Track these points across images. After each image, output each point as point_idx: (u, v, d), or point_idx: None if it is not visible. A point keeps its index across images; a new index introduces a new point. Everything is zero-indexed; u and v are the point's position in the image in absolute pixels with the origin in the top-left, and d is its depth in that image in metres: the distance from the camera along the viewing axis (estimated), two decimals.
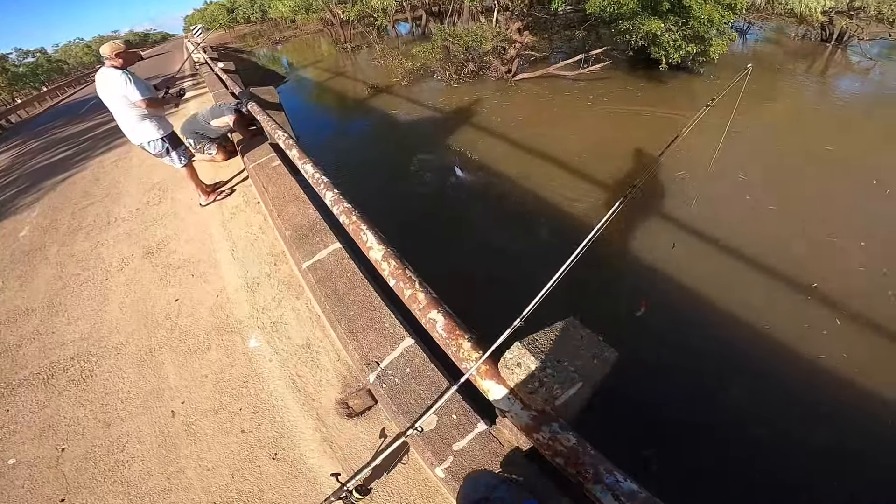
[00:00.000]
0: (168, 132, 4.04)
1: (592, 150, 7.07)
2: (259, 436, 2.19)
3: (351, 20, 21.13)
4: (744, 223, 5.05)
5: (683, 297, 4.12)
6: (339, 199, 2.28)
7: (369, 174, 7.55)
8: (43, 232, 4.93)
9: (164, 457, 2.21)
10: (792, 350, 3.60)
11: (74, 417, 2.52)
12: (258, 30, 44.61)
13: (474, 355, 1.47)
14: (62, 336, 3.20)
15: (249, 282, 3.22)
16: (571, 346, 1.37)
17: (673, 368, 3.44)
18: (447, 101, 10.67)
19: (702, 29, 8.55)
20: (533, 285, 1.35)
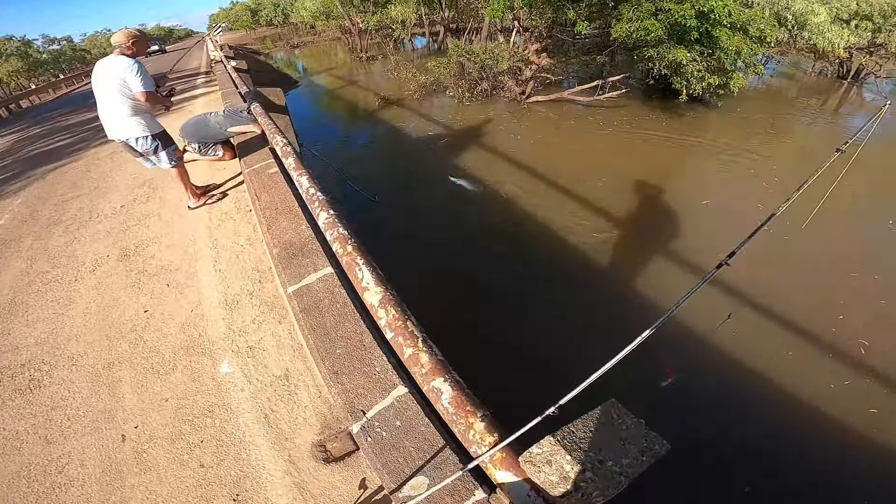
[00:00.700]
0: (159, 130, 3.83)
1: (606, 182, 6.83)
2: (220, 473, 1.91)
3: (369, 30, 21.26)
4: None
5: (724, 375, 3.75)
6: (333, 223, 1.99)
7: (370, 186, 7.29)
8: (21, 222, 4.65)
9: (106, 484, 1.93)
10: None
11: (13, 431, 2.25)
12: (278, 33, 45.32)
13: (488, 439, 1.19)
14: (17, 339, 2.90)
15: (229, 299, 2.92)
16: (615, 440, 1.09)
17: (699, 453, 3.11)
18: (457, 118, 10.52)
19: (728, 60, 8.43)
20: (543, 351, 1.07)
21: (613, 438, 1.10)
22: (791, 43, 11.36)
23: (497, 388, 2.29)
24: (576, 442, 1.08)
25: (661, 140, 8.76)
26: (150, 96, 3.55)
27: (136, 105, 3.57)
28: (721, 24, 7.97)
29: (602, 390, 3.35)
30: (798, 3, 9.69)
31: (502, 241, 5.58)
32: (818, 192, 2.49)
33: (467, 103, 11.45)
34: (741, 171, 7.26)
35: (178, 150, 4.03)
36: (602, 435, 1.10)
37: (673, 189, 6.66)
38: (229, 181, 4.61)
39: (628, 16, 8.23)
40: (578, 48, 11.48)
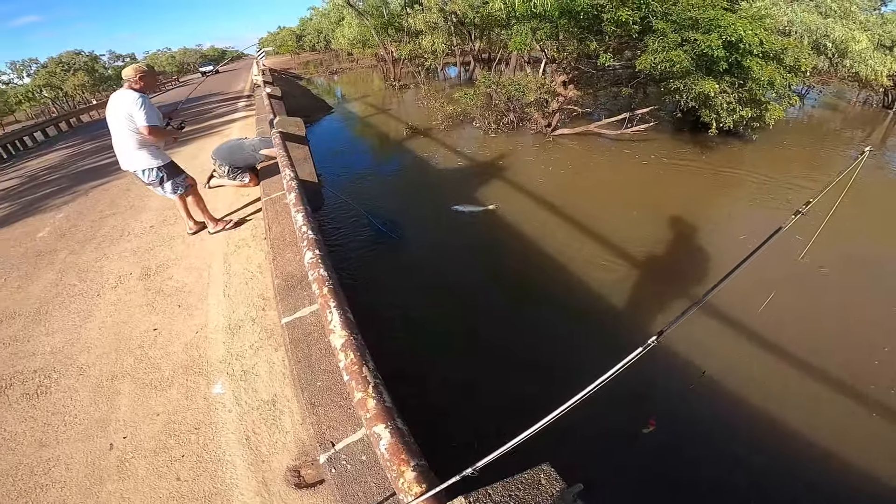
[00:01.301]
0: (165, 162, 3.96)
1: (635, 217, 6.68)
2: (194, 488, 1.98)
3: (402, 59, 22.05)
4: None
5: (702, 427, 3.54)
6: (315, 264, 2.08)
7: (393, 218, 7.38)
8: (60, 236, 5.00)
9: (86, 489, 2.04)
10: None
11: (13, 432, 2.41)
12: (320, 59, 47.49)
13: (415, 489, 1.20)
14: (35, 346, 3.10)
15: (232, 323, 3.04)
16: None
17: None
18: (483, 150, 10.64)
19: (760, 92, 8.18)
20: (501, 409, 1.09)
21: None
22: (832, 72, 10.98)
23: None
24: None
25: (693, 174, 8.52)
26: (154, 130, 3.65)
27: (143, 138, 3.67)
28: (751, 54, 7.76)
29: (577, 435, 3.23)
30: (837, 31, 9.34)
31: (523, 285, 5.44)
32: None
33: (493, 135, 11.59)
34: (779, 205, 6.94)
35: (185, 178, 4.15)
36: (519, 500, 1.10)
37: (706, 225, 6.38)
38: (249, 210, 4.81)
39: (653, 47, 8.18)
40: (606, 80, 11.49)
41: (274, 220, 3.59)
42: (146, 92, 3.68)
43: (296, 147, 4.48)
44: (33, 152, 12.84)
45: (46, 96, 45.04)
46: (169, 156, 4.04)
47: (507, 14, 13.02)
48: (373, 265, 6.14)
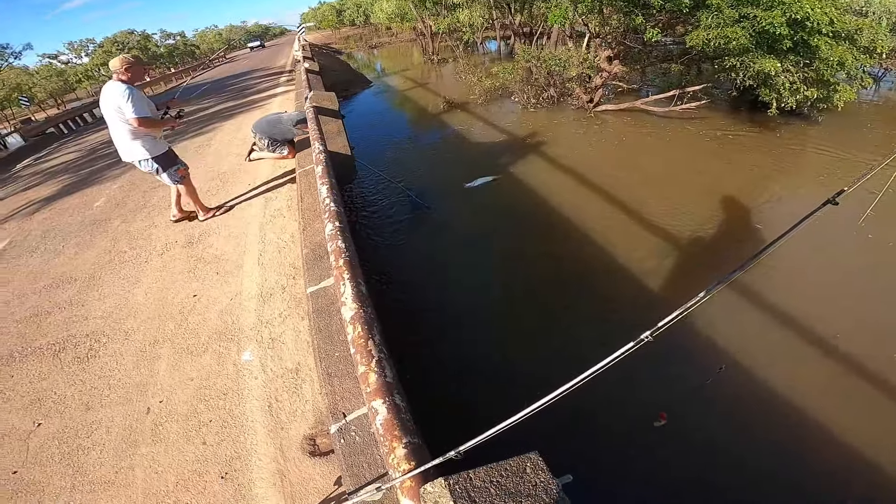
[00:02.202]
0: (160, 153, 3.93)
1: (672, 201, 6.28)
2: (217, 451, 2.11)
3: (441, 32, 21.58)
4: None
5: (715, 426, 3.21)
6: (335, 235, 2.12)
7: (426, 191, 7.32)
8: (115, 205, 5.35)
9: (122, 451, 2.20)
10: None
11: (62, 395, 2.60)
12: (360, 33, 47.41)
13: (403, 466, 1.22)
14: (88, 310, 3.36)
15: (264, 291, 3.17)
16: (514, 494, 1.07)
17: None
18: (521, 125, 10.36)
19: (828, 72, 7.47)
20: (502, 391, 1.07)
21: (511, 493, 1.08)
22: None
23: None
24: (468, 490, 1.07)
25: (749, 153, 7.90)
26: (144, 121, 3.60)
27: (135, 129, 3.66)
28: (820, 33, 7.08)
29: (587, 424, 3.08)
30: None
31: (552, 258, 5.26)
32: None
33: (532, 110, 11.23)
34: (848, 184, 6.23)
35: (180, 168, 4.15)
36: (501, 487, 1.08)
37: (761, 209, 5.84)
38: (280, 183, 4.93)
39: (706, 23, 7.58)
40: (654, 56, 10.79)
41: (306, 191, 3.67)
42: (134, 83, 3.64)
43: (329, 121, 4.52)
44: (92, 127, 13.70)
45: (104, 74, 47.65)
46: (166, 144, 4.03)
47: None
48: (404, 232, 6.16)
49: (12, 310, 3.60)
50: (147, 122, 3.66)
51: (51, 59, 50.95)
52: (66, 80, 47.90)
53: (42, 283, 3.92)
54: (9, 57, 32.44)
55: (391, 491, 1.49)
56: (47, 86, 44.95)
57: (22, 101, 28.35)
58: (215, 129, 8.79)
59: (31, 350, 3.05)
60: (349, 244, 2.13)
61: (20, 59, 33.75)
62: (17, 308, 3.61)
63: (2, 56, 31.50)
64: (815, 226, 4.36)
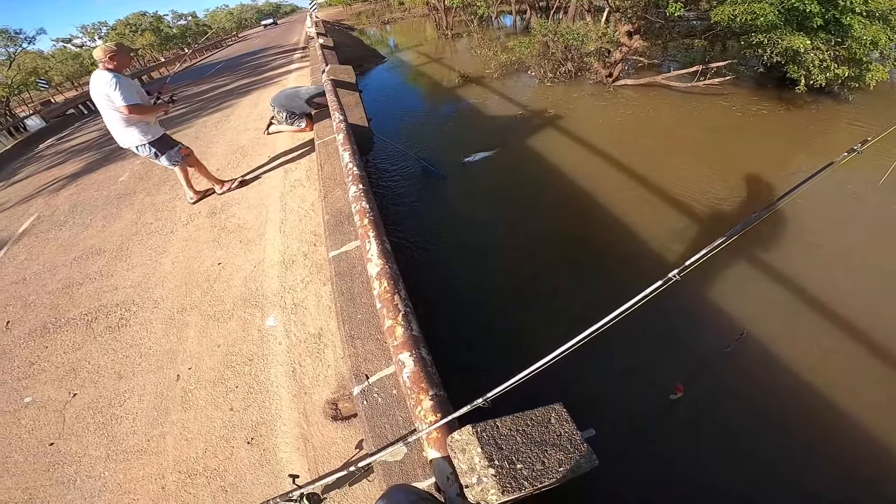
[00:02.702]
0: (156, 137, 3.91)
1: (691, 176, 6.14)
2: (244, 417, 2.18)
3: (454, 7, 21.08)
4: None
5: (734, 396, 3.16)
6: (359, 196, 2.14)
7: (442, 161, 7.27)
8: (138, 179, 5.46)
9: (153, 419, 2.27)
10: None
11: (96, 365, 2.69)
12: (372, 9, 46.60)
13: (430, 417, 1.25)
14: (118, 281, 3.48)
15: (286, 258, 3.24)
16: (539, 444, 1.10)
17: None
18: (537, 99, 10.18)
19: (861, 51, 7.17)
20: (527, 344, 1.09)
21: (537, 442, 1.10)
22: None
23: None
24: (494, 437, 1.09)
25: (776, 127, 7.65)
26: (135, 108, 3.58)
27: (127, 117, 3.64)
28: (853, 12, 6.78)
29: (602, 394, 3.06)
30: None
31: (564, 226, 5.24)
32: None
33: (549, 84, 11.01)
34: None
35: (180, 150, 4.12)
36: (527, 436, 1.11)
37: (790, 178, 5.64)
38: (298, 154, 4.96)
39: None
40: (677, 31, 10.40)
41: (325, 160, 3.70)
42: (121, 70, 3.62)
43: (346, 93, 4.51)
44: None
45: None
46: (161, 129, 4.00)
47: None
48: (419, 198, 6.21)
49: (44, 282, 3.74)
50: (137, 108, 3.63)
51: (65, 43, 51.44)
52: (82, 62, 48.36)
53: (72, 256, 4.05)
54: (23, 42, 32.87)
55: (417, 443, 1.54)
56: (63, 69, 45.46)
57: (40, 83, 28.76)
58: (233, 106, 8.84)
59: (64, 321, 3.16)
60: (373, 205, 2.16)
61: (34, 43, 34.14)
62: (49, 280, 3.74)
63: (16, 41, 31.93)
64: (840, 194, 4.18)
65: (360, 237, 1.97)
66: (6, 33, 31.41)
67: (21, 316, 3.34)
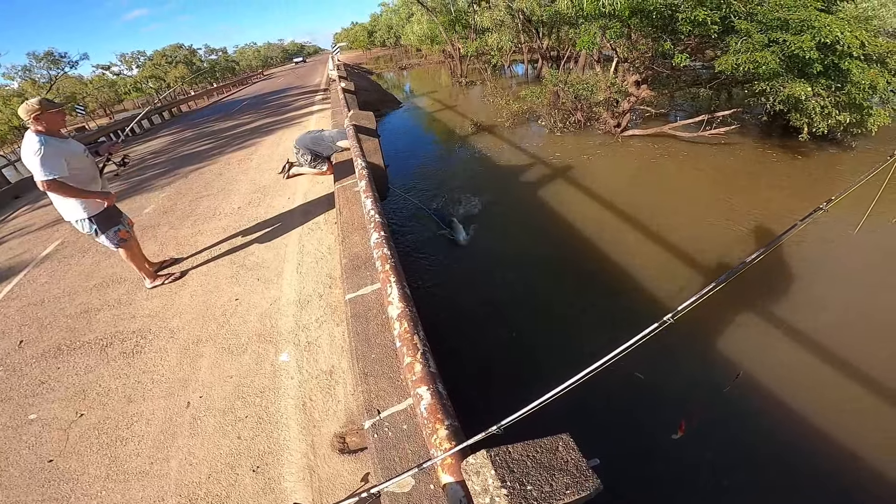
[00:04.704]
0: (96, 213, 3.34)
1: (695, 227, 6.29)
2: (251, 446, 2.23)
3: (469, 55, 22.18)
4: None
5: (735, 434, 3.34)
6: (380, 243, 2.28)
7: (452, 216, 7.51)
8: (162, 213, 5.71)
9: (160, 443, 2.33)
10: None
11: (106, 388, 2.78)
12: (390, 54, 49.05)
13: (445, 445, 1.34)
14: (136, 309, 3.60)
15: (302, 298, 3.36)
16: (548, 468, 1.18)
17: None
18: (547, 148, 10.51)
19: (860, 96, 7.39)
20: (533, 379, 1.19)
21: (547, 467, 1.18)
22: None
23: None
24: (507, 461, 1.17)
25: (778, 179, 7.83)
26: (53, 186, 2.96)
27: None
28: (851, 56, 7.03)
29: (609, 427, 3.19)
30: None
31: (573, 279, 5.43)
32: None
33: (559, 134, 11.38)
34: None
35: (121, 231, 3.54)
36: (536, 461, 1.19)
37: (795, 248, 5.66)
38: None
39: (735, 47, 7.63)
40: (683, 80, 10.84)
41: (345, 205, 3.87)
42: (52, 131, 3.01)
43: (367, 139, 4.76)
44: (140, 138, 14.53)
45: (152, 87, 50.30)
46: (109, 204, 3.42)
47: (576, 13, 12.64)
48: (430, 249, 6.42)
49: (62, 305, 3.88)
50: (55, 187, 2.99)
51: (104, 69, 53.98)
52: (117, 90, 50.69)
53: (93, 282, 4.21)
54: (65, 66, 34.52)
55: (427, 474, 1.60)
56: (99, 96, 47.63)
57: (77, 109, 30.34)
58: (256, 144, 9.27)
59: (79, 344, 3.26)
60: (393, 251, 2.30)
61: (76, 68, 35.91)
62: (68, 304, 3.88)
63: (59, 64, 33.56)
64: (822, 241, 4.41)
65: (382, 282, 2.10)
66: (51, 56, 33.20)
67: (36, 336, 3.47)
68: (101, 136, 15.22)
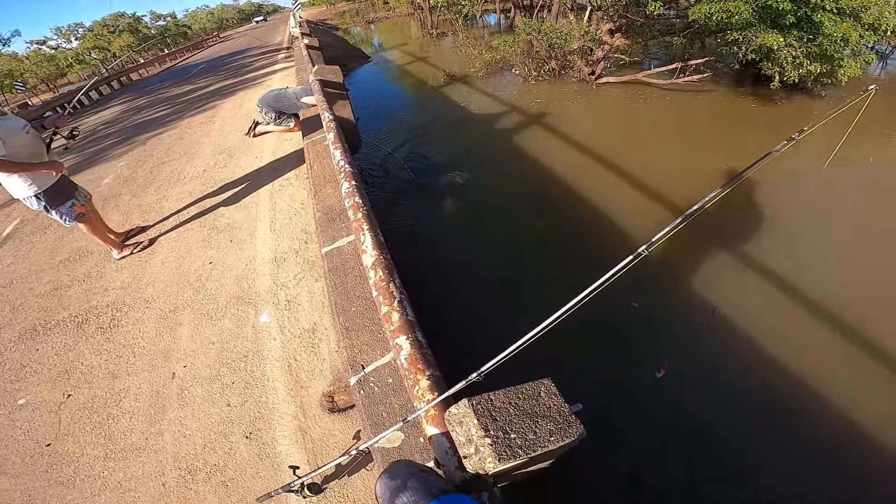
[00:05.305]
0: (46, 187, 3.13)
1: (669, 169, 6.34)
2: (241, 412, 2.21)
3: (439, 6, 21.18)
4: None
5: (714, 370, 3.39)
6: (351, 192, 2.21)
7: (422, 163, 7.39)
8: (123, 182, 5.41)
9: (150, 417, 2.28)
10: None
11: (89, 365, 2.69)
12: (356, 8, 46.45)
13: (427, 396, 1.33)
14: (107, 282, 3.46)
15: (278, 256, 3.27)
16: (531, 415, 1.18)
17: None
18: (522, 97, 10.31)
19: (832, 48, 7.43)
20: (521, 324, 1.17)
21: (529, 414, 1.18)
22: None
23: None
24: (489, 409, 1.17)
25: (749, 123, 7.95)
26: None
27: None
28: (824, 9, 7.02)
29: (592, 370, 3.22)
30: None
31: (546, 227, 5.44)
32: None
33: (533, 82, 11.16)
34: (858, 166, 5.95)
35: (77, 205, 3.33)
36: (519, 408, 1.19)
37: (765, 185, 5.76)
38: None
39: None
40: (657, 29, 10.64)
41: (315, 159, 3.74)
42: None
43: (334, 93, 4.53)
44: (89, 110, 13.56)
45: (95, 58, 46.97)
46: (52, 176, 3.16)
47: None
48: (405, 196, 6.34)
49: (31, 285, 3.69)
50: (4, 165, 2.83)
51: (39, 45, 50.52)
52: (58, 65, 47.35)
53: (59, 258, 4.01)
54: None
55: (415, 427, 1.60)
56: (38, 71, 44.52)
57: (17, 86, 28.13)
58: (217, 107, 8.77)
59: (54, 323, 3.13)
60: (365, 200, 2.22)
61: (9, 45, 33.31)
62: (36, 283, 3.70)
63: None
64: (791, 177, 4.51)
65: (355, 231, 2.03)
66: None
67: (10, 319, 3.30)
68: (46, 111, 14.14)
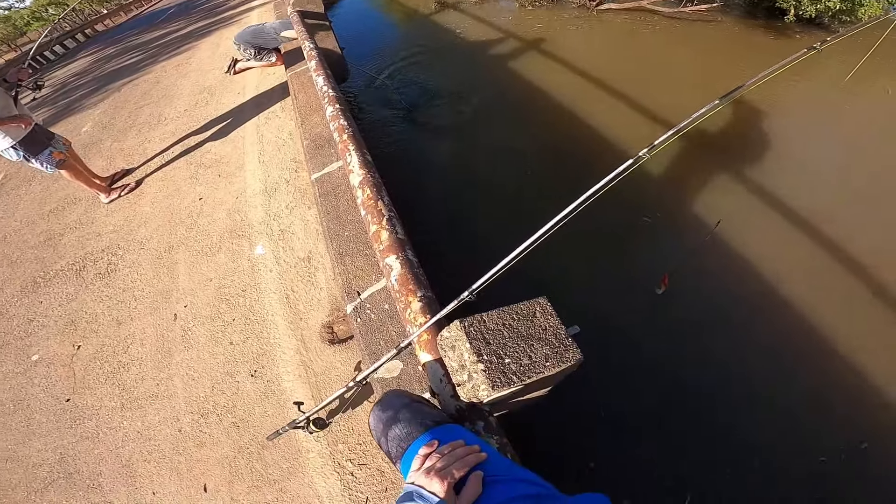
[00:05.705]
0: (20, 137, 3.11)
1: (672, 95, 5.99)
2: (244, 350, 2.20)
3: None
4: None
5: (716, 284, 3.28)
6: (336, 115, 2.07)
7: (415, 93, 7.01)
8: (102, 128, 5.18)
9: (158, 362, 2.27)
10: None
11: (93, 314, 2.65)
12: None
13: (419, 320, 1.24)
14: (99, 227, 3.38)
15: (269, 186, 3.17)
16: (526, 337, 1.08)
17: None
18: (518, 23, 9.68)
19: None
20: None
21: (524, 336, 1.09)
22: None
23: None
24: (482, 331, 1.08)
25: (762, 54, 7.43)
26: None
27: None
28: None
29: (589, 287, 3.10)
30: None
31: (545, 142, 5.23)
32: None
33: (530, 8, 10.45)
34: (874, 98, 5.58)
35: (55, 152, 3.32)
36: (513, 330, 1.09)
37: (773, 93, 5.53)
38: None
39: None
40: None
41: (300, 89, 3.54)
42: None
43: (315, 23, 4.23)
44: (55, 64, 12.82)
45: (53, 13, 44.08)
46: (26, 126, 3.16)
47: None
48: (396, 123, 6.03)
49: (25, 237, 3.62)
50: None
51: None
52: (15, 24, 44.61)
53: (48, 208, 3.91)
54: None
55: (411, 354, 1.53)
56: None
57: None
58: (193, 48, 8.24)
59: (52, 273, 3.08)
60: (351, 122, 2.10)
61: None
62: (30, 235, 3.62)
63: None
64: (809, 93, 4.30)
65: (341, 152, 1.91)
66: None
67: (9, 274, 3.25)
68: (10, 70, 13.36)
